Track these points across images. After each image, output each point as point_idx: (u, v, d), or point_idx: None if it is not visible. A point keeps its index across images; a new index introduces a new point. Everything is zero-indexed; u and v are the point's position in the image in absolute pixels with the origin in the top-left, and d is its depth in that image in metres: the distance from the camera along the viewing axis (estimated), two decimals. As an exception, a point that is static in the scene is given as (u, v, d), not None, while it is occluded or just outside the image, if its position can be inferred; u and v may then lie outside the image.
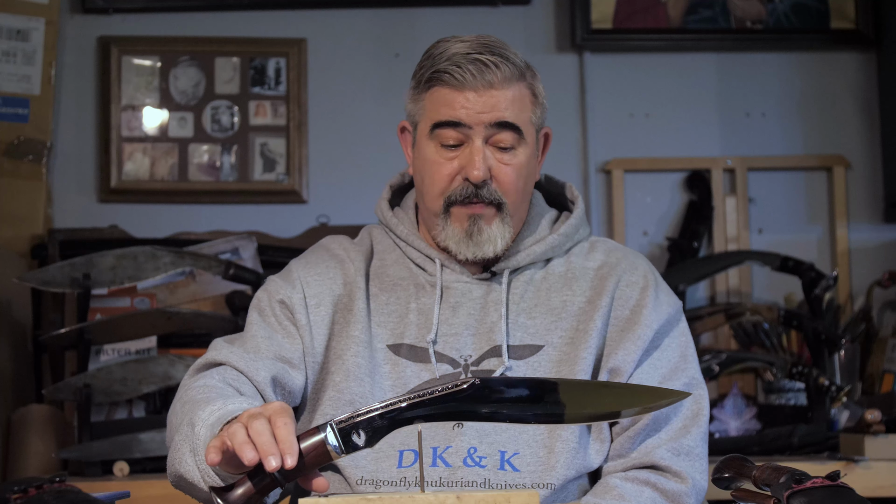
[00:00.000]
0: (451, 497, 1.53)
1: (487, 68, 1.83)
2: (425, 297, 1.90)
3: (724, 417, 3.31)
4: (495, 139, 1.85)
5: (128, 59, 3.76)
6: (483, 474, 1.80)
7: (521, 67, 1.89)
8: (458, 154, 1.86)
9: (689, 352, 1.91)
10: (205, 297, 3.38)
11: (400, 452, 1.83)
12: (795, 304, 3.64)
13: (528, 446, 1.82)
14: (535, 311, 1.89)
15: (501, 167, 1.85)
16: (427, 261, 1.93)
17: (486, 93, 1.83)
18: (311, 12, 3.84)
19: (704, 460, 1.87)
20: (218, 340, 1.92)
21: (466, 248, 1.87)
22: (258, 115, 3.79)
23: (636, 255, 1.98)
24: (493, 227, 1.86)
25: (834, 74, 3.89)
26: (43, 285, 3.13)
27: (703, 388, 1.90)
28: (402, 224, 1.96)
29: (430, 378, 1.86)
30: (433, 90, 1.86)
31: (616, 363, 1.85)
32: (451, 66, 1.83)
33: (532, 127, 1.89)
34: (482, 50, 1.85)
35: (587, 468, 1.85)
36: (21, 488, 1.85)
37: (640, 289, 1.91)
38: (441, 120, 1.85)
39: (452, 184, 1.86)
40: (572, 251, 1.96)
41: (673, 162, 3.85)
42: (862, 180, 3.86)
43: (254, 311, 1.94)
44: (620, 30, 3.83)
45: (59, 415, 3.10)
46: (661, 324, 1.89)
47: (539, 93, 1.92)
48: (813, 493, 1.51)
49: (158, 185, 3.74)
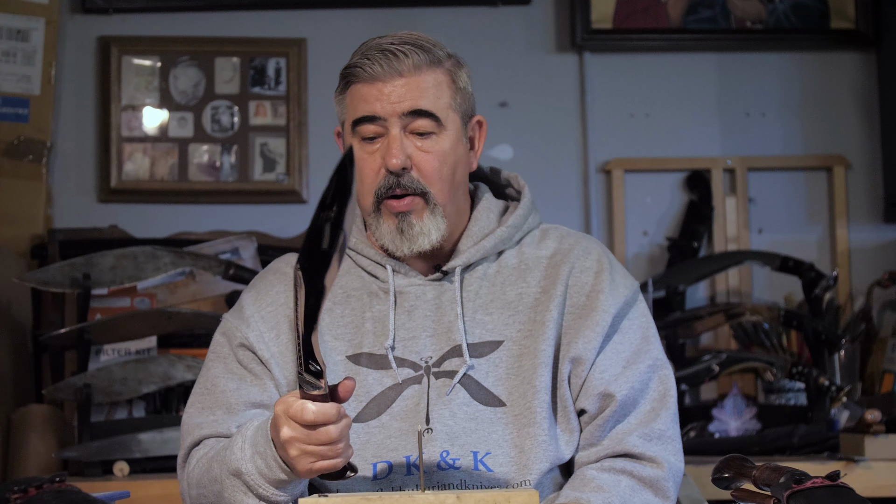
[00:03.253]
0: (450, 497, 1.53)
1: (395, 57, 1.81)
2: (379, 304, 1.89)
3: (724, 417, 3.31)
4: (412, 127, 1.83)
5: (128, 59, 3.76)
6: (458, 475, 1.80)
7: (438, 55, 1.85)
8: (378, 147, 1.84)
9: (651, 332, 1.90)
10: (205, 297, 3.38)
11: (373, 465, 1.82)
12: (795, 304, 3.64)
13: (498, 446, 1.81)
14: (492, 306, 1.88)
15: (421, 154, 1.83)
16: (378, 268, 1.91)
17: (396, 81, 1.82)
18: (311, 12, 3.84)
19: (677, 441, 1.86)
20: (186, 416, 1.90)
21: (401, 243, 1.85)
22: (258, 115, 3.79)
23: (589, 240, 1.95)
24: (425, 219, 1.84)
25: (834, 74, 3.89)
26: (43, 285, 3.13)
27: (667, 367, 1.89)
28: (351, 233, 1.94)
29: (392, 384, 1.85)
30: (350, 88, 1.86)
31: (577, 352, 1.84)
32: (362, 59, 1.83)
33: (453, 113, 1.86)
34: (394, 41, 1.84)
35: (560, 460, 1.84)
36: (21, 488, 1.86)
37: (595, 273, 1.89)
38: (359, 116, 1.84)
39: (378, 178, 1.84)
40: (524, 241, 1.94)
41: (673, 162, 3.85)
42: (862, 180, 3.86)
43: (217, 363, 1.92)
44: (620, 30, 3.83)
45: (59, 415, 3.10)
46: (618, 307, 1.87)
47: (460, 79, 1.88)
48: (813, 493, 1.51)
49: (158, 185, 3.74)
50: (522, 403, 1.83)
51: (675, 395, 1.88)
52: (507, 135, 3.82)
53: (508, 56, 3.85)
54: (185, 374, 3.03)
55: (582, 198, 3.82)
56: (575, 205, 3.81)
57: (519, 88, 3.85)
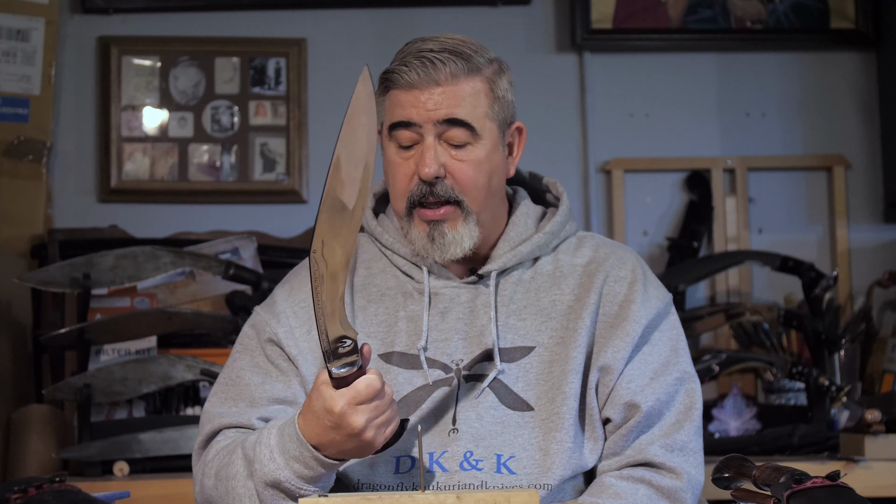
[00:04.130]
0: (450, 497, 1.53)
1: (433, 65, 1.81)
2: (414, 304, 1.90)
3: (724, 417, 3.31)
4: (447, 136, 1.83)
5: (128, 59, 3.76)
6: (480, 477, 1.80)
7: (478, 63, 1.86)
8: (413, 154, 1.85)
9: (681, 345, 1.90)
10: (205, 297, 3.38)
11: (396, 458, 1.83)
12: (795, 304, 3.64)
13: (523, 449, 1.82)
14: (525, 311, 1.88)
15: (455, 163, 1.83)
16: (414, 268, 1.91)
17: (433, 90, 1.82)
18: (311, 12, 3.84)
19: (699, 454, 1.87)
20: (208, 405, 1.91)
21: (432, 251, 1.85)
22: (258, 115, 3.79)
23: (625, 250, 1.96)
24: (459, 228, 1.84)
25: (834, 74, 3.89)
26: (43, 285, 3.12)
27: (695, 381, 1.90)
28: (387, 232, 1.94)
29: (423, 384, 1.86)
30: (389, 93, 1.86)
31: (606, 361, 1.84)
32: (400, 66, 1.83)
33: (490, 122, 1.86)
34: (434, 47, 1.84)
35: (582, 468, 1.84)
36: (21, 488, 1.85)
37: (629, 284, 1.89)
38: (395, 121, 1.84)
39: (411, 184, 1.84)
40: (560, 248, 1.95)
41: (673, 162, 3.85)
42: (862, 180, 3.86)
43: (244, 355, 1.92)
44: (620, 30, 3.83)
45: (59, 415, 3.10)
46: (650, 319, 1.88)
47: (499, 87, 1.89)
48: (813, 493, 1.51)
49: (158, 185, 3.74)
50: (550, 408, 1.83)
51: (701, 409, 1.90)
52: (507, 135, 3.82)
53: (508, 56, 3.78)
54: (185, 374, 3.03)
55: (582, 198, 3.82)
56: (575, 205, 3.81)
57: (519, 88, 3.81)
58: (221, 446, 1.84)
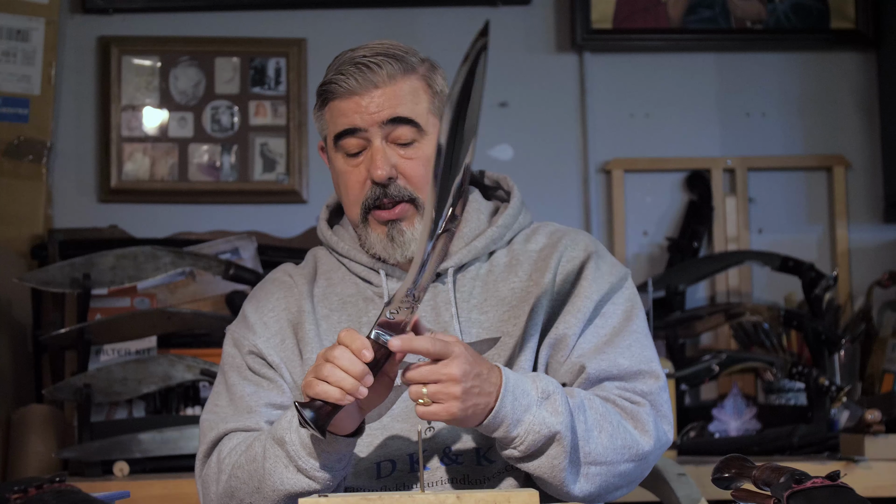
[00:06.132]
0: (450, 497, 1.53)
1: (370, 69, 1.83)
2: (375, 309, 1.90)
3: (724, 417, 3.31)
4: (393, 136, 1.85)
5: (128, 59, 3.76)
6: (462, 471, 1.82)
7: (411, 62, 1.87)
8: (362, 160, 1.86)
9: (635, 313, 1.90)
10: (205, 297, 3.38)
11: (377, 464, 1.84)
12: (795, 304, 3.64)
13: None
14: (486, 304, 1.89)
15: (405, 162, 1.85)
16: (371, 273, 1.92)
17: (373, 93, 1.83)
18: (311, 12, 3.84)
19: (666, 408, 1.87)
20: (205, 416, 1.92)
21: (392, 251, 1.87)
22: (258, 115, 3.79)
23: (578, 233, 1.97)
24: (416, 225, 1.86)
25: (834, 74, 3.90)
26: (43, 285, 3.13)
27: (649, 348, 1.89)
28: (343, 241, 1.95)
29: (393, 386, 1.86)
30: (329, 104, 1.88)
31: (557, 335, 1.85)
32: (337, 75, 1.85)
33: (433, 117, 1.87)
34: (367, 53, 1.85)
35: None
36: (21, 488, 1.85)
37: (581, 262, 1.90)
38: (340, 130, 1.86)
39: (364, 190, 1.86)
40: (515, 240, 1.95)
41: (673, 162, 3.85)
42: (862, 180, 3.86)
43: (231, 371, 1.93)
44: (620, 30, 3.83)
45: (59, 415, 3.10)
46: (602, 294, 1.88)
47: (436, 83, 1.90)
48: (813, 493, 1.51)
49: (158, 185, 3.74)
50: None
51: (662, 375, 1.88)
52: (507, 135, 3.82)
53: (508, 56, 3.84)
54: (185, 374, 3.03)
55: (582, 198, 3.82)
56: (575, 205, 3.81)
57: (519, 88, 3.85)
58: (236, 442, 1.84)
